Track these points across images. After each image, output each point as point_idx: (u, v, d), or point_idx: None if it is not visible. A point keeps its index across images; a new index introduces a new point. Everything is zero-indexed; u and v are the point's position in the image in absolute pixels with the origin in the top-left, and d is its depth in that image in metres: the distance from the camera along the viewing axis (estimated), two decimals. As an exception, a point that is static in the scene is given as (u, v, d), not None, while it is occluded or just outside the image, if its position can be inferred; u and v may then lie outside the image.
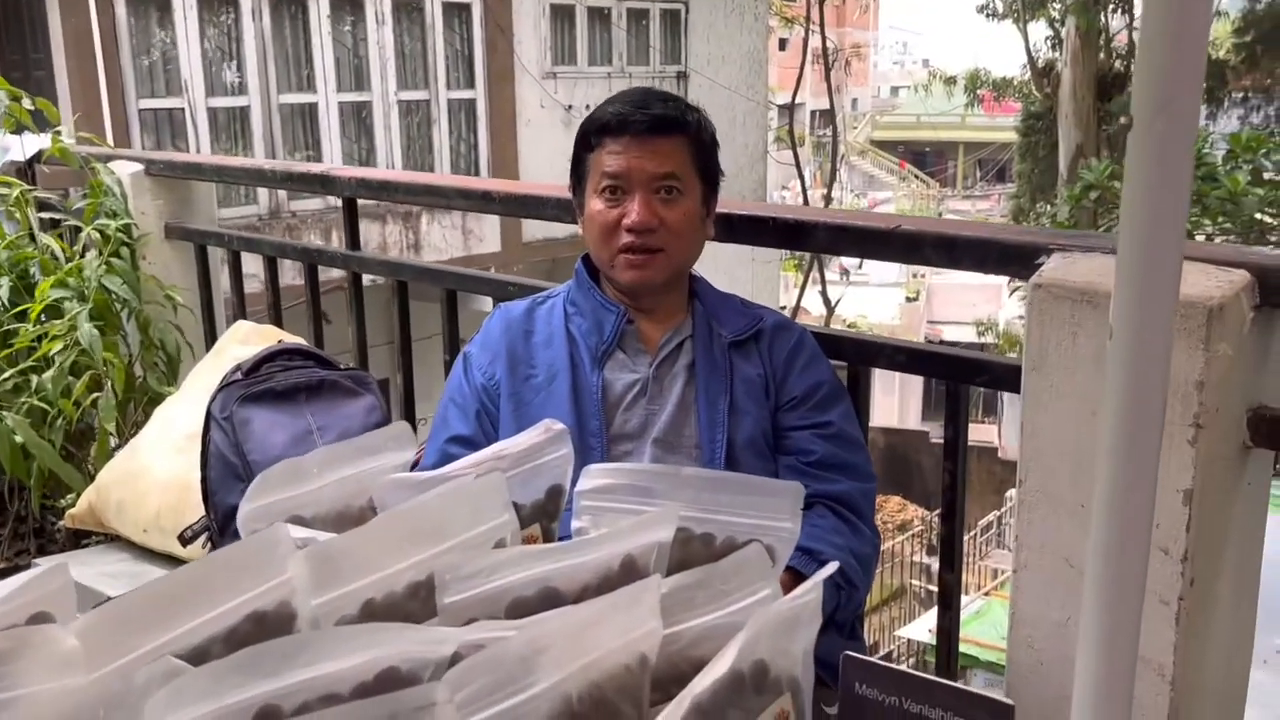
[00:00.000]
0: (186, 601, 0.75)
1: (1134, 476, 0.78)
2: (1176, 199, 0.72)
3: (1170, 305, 0.75)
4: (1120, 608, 0.81)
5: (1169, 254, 0.74)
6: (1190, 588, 1.47)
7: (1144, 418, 0.76)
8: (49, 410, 3.00)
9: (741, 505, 0.96)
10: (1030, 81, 17.89)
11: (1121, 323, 0.75)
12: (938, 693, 0.78)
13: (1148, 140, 0.71)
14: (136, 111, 8.11)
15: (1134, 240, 0.74)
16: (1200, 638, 1.51)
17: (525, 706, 0.69)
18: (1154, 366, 0.75)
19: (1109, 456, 0.78)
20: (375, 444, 1.03)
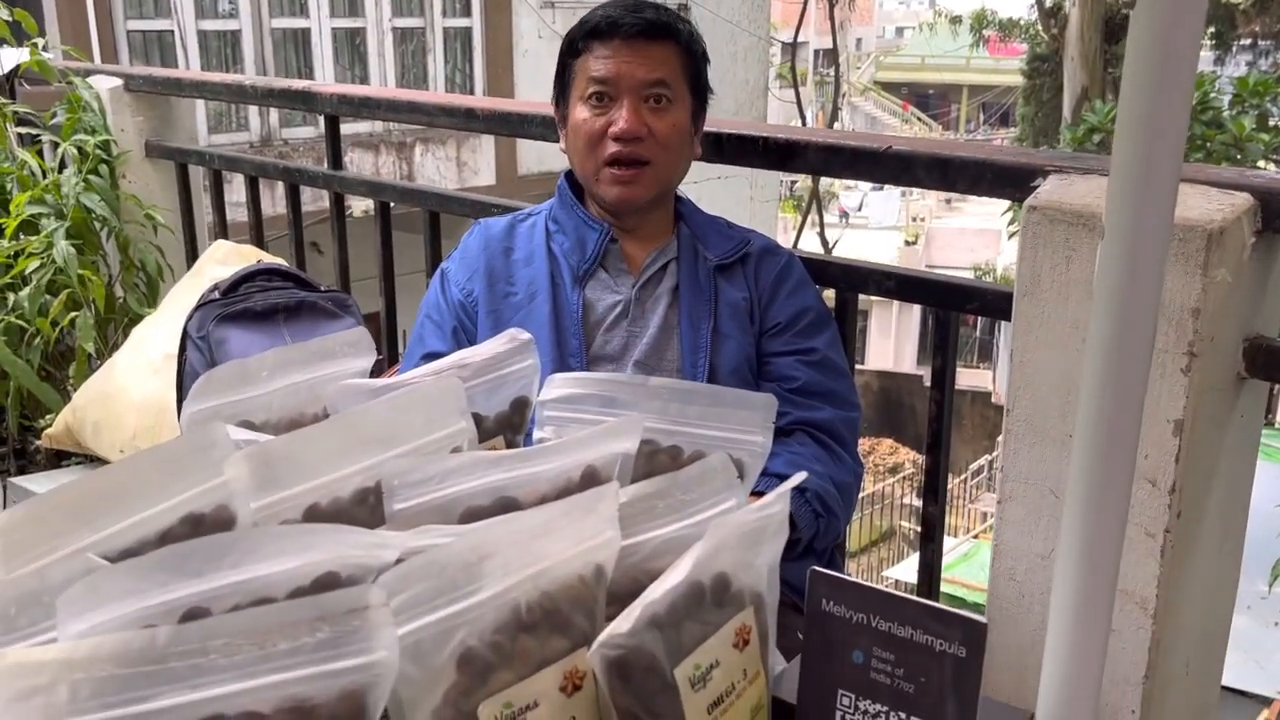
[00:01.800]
0: (115, 500, 0.71)
1: (1119, 404, 0.74)
2: (1174, 140, 0.67)
3: (1166, 226, 0.70)
4: (1100, 538, 0.77)
5: (1165, 171, 0.69)
6: (1177, 520, 1.44)
7: (1132, 344, 0.72)
8: (26, 329, 2.95)
9: (711, 418, 0.92)
10: (1037, 23, 17.62)
11: (1111, 246, 0.70)
12: (908, 609, 0.74)
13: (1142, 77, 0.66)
14: (125, 33, 7.94)
15: (1128, 153, 0.69)
16: (1185, 572, 1.48)
17: (469, 614, 0.65)
18: (1144, 290, 0.71)
19: (1094, 382, 0.74)
20: (330, 349, 0.98)
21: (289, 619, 0.58)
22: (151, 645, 0.55)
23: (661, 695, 0.70)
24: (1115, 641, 1.49)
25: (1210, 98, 9.27)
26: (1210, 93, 9.38)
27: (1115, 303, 0.78)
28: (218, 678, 0.56)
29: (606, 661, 0.68)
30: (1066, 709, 0.78)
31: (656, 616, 0.69)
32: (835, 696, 0.78)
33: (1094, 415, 0.75)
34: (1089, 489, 0.75)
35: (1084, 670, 0.78)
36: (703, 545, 0.70)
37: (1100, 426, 0.82)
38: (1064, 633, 0.79)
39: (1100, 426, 0.82)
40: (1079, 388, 1.38)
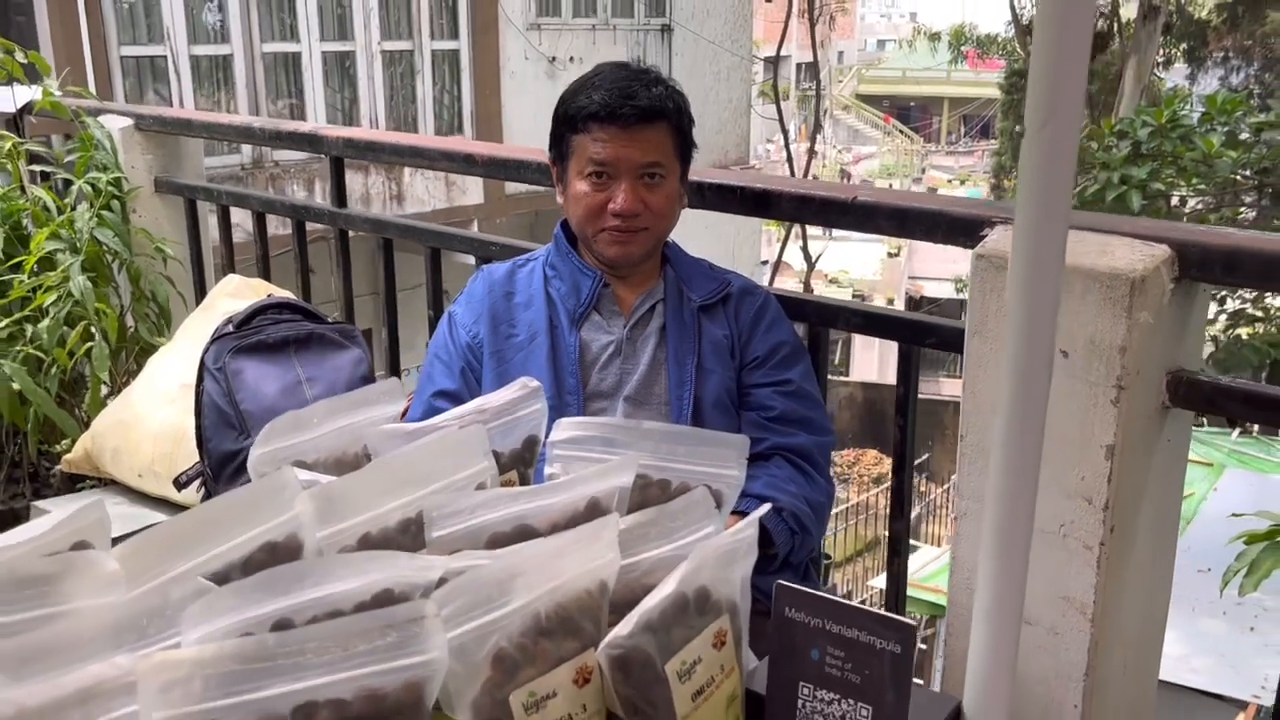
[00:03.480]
0: (209, 533, 0.87)
1: (1025, 425, 0.91)
2: (1062, 191, 0.85)
3: (1056, 278, 0.87)
4: (1013, 543, 0.94)
5: (1055, 239, 0.87)
6: (1111, 534, 1.61)
7: (1033, 373, 0.89)
8: (44, 359, 3.10)
9: (694, 456, 1.09)
10: (1014, 39, 17.89)
11: (1015, 293, 0.88)
12: (854, 615, 0.91)
13: (1038, 143, 0.83)
14: (119, 58, 8.08)
15: (1027, 228, 0.87)
16: (1120, 580, 1.65)
17: (501, 621, 0.81)
18: (1042, 331, 0.88)
19: (1005, 409, 0.91)
20: (369, 397, 1.15)
21: (364, 627, 0.74)
22: (262, 647, 0.71)
23: (655, 686, 0.87)
24: (1058, 642, 1.66)
25: (1181, 115, 9.48)
26: (1180, 110, 9.59)
27: (1019, 339, 0.96)
28: (312, 672, 0.72)
29: (610, 659, 0.85)
30: (986, 693, 0.95)
31: (650, 622, 0.86)
32: (797, 688, 0.96)
33: (1004, 437, 0.92)
34: (1002, 500, 0.92)
35: (1000, 659, 0.96)
36: (687, 564, 0.87)
37: (1009, 446, 0.99)
38: (983, 625, 0.96)
39: (1009, 446, 0.99)
40: (1022, 417, 1.55)
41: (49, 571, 0.80)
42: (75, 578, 0.80)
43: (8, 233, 3.22)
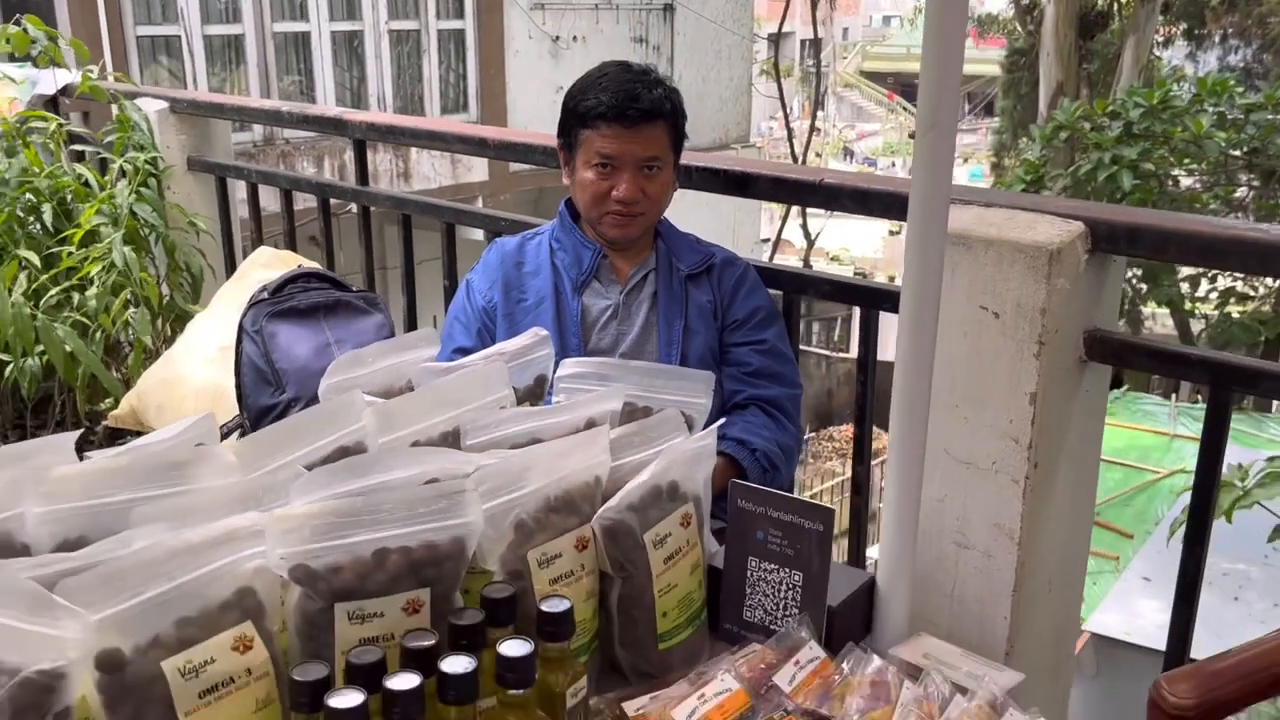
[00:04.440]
0: (299, 436, 1.15)
1: (918, 358, 1.19)
2: (944, 178, 1.12)
3: (939, 250, 1.15)
4: (910, 453, 1.22)
5: (938, 215, 1.14)
6: (1035, 470, 1.88)
7: (923, 320, 1.17)
8: (89, 324, 3.37)
9: (670, 388, 1.37)
10: (1015, 18, 17.98)
11: (909, 266, 1.15)
12: (788, 503, 1.19)
13: (926, 142, 1.11)
14: (134, 37, 8.30)
15: (917, 206, 1.14)
16: (1043, 509, 1.93)
17: (520, 499, 1.09)
18: (929, 288, 1.16)
19: (903, 347, 1.19)
20: (411, 342, 1.44)
21: (424, 495, 1.02)
22: (352, 507, 0.99)
23: (635, 550, 1.15)
24: (991, 564, 1.94)
25: (1172, 96, 9.66)
26: (1172, 91, 9.76)
27: (913, 303, 1.23)
28: (387, 526, 1.00)
29: (602, 528, 1.13)
30: (892, 569, 1.23)
31: (632, 504, 1.14)
32: (747, 560, 1.24)
33: (903, 369, 1.20)
34: (902, 420, 1.20)
35: (903, 541, 1.24)
36: (659, 462, 1.15)
37: (907, 378, 1.27)
38: (892, 515, 1.24)
39: (907, 378, 1.27)
40: (961, 367, 1.83)
41: (185, 459, 1.08)
42: (204, 465, 1.08)
43: (55, 208, 3.50)
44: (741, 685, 1.12)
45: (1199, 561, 1.87)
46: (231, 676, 0.93)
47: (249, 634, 0.94)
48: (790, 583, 1.22)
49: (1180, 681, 1.48)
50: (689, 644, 1.21)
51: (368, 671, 0.91)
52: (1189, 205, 9.79)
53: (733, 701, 1.10)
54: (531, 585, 1.09)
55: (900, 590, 1.29)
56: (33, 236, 3.46)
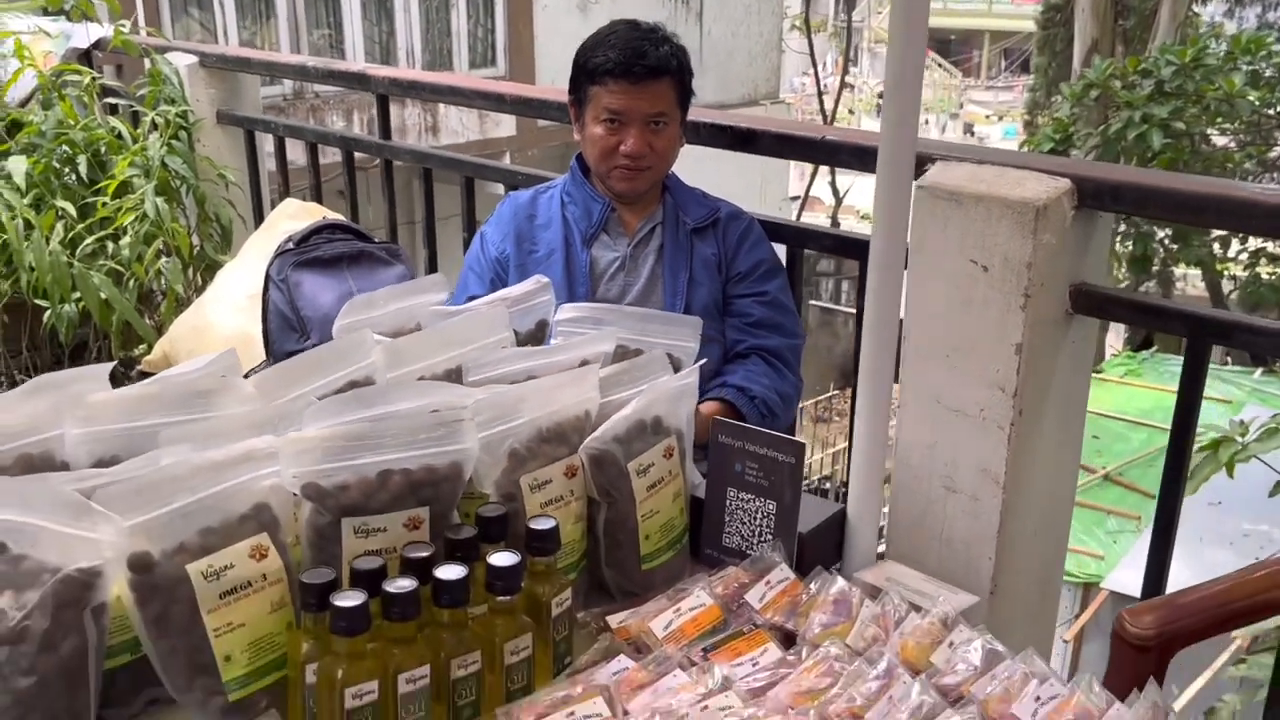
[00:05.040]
0: (313, 370, 1.26)
1: (884, 309, 1.28)
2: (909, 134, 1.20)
3: (906, 196, 1.23)
4: (878, 393, 1.31)
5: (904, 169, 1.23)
6: (1020, 417, 1.96)
7: (891, 270, 1.25)
8: (123, 272, 3.50)
9: (660, 332, 1.46)
10: (1051, -28, 17.63)
11: (878, 214, 1.23)
12: (764, 438, 1.29)
13: (891, 102, 1.18)
14: (166, -13, 8.37)
15: (885, 162, 1.22)
16: (1028, 456, 2.01)
17: (514, 429, 1.19)
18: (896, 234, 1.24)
19: (872, 291, 1.27)
20: (421, 287, 1.54)
21: (425, 423, 1.13)
22: (359, 431, 1.10)
23: (620, 478, 1.24)
24: (978, 507, 2.03)
25: (1205, 53, 9.52)
26: (1207, 48, 9.61)
27: (879, 243, 1.31)
28: (390, 450, 1.11)
29: (589, 456, 1.23)
30: (861, 503, 1.32)
31: (618, 435, 1.24)
32: (726, 491, 1.33)
33: (871, 319, 1.29)
34: (870, 361, 1.29)
35: (871, 476, 1.33)
36: (642, 397, 1.25)
37: (874, 327, 1.35)
38: (861, 450, 1.33)
39: (874, 327, 1.35)
40: (953, 318, 1.90)
41: (210, 389, 1.19)
42: (227, 395, 1.19)
43: (90, 159, 3.61)
44: (715, 601, 1.23)
45: (1175, 505, 1.95)
46: (249, 580, 1.04)
47: (265, 544, 1.05)
48: (765, 511, 1.31)
49: (1142, 614, 1.57)
50: (670, 565, 1.31)
51: (370, 577, 1.02)
52: (1221, 165, 9.69)
53: (706, 615, 1.21)
54: (524, 507, 1.19)
55: (867, 520, 1.38)
56: (68, 187, 3.58)
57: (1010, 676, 1.10)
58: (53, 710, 0.98)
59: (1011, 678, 1.10)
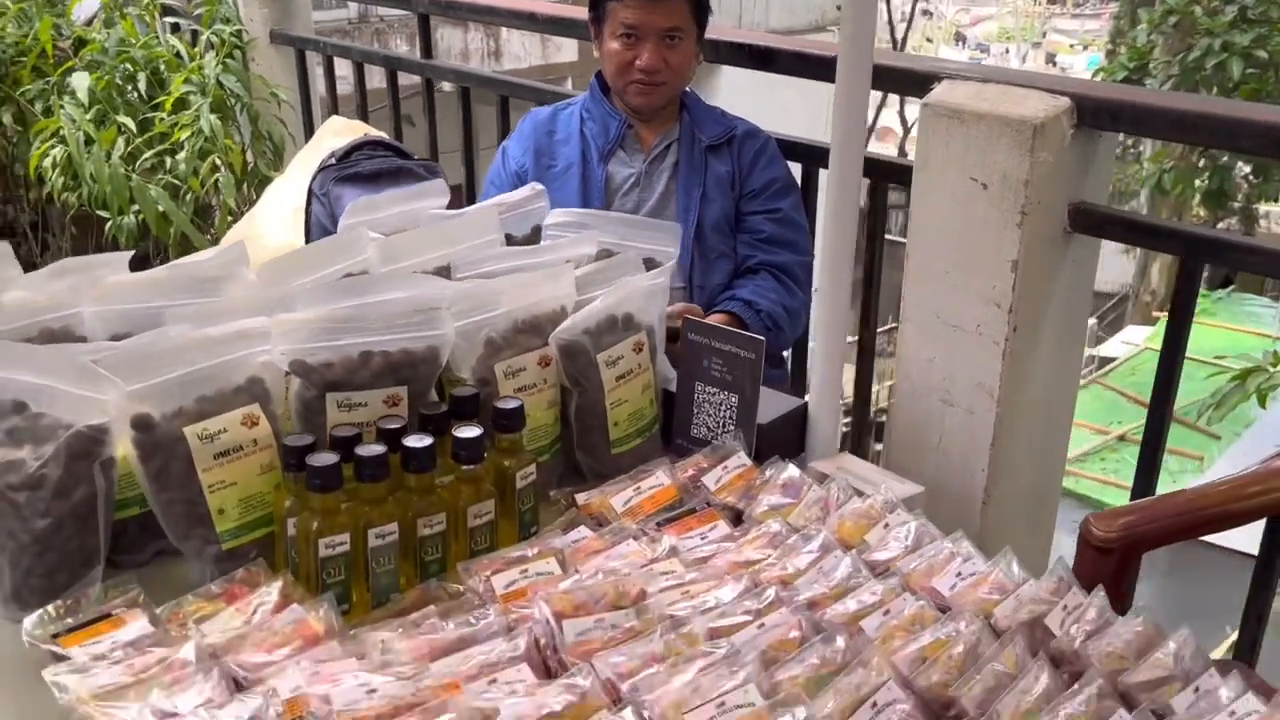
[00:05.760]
0: (312, 262, 1.37)
1: (844, 201, 1.34)
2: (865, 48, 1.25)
3: (862, 114, 1.29)
4: (837, 292, 1.38)
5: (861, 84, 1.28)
6: (1014, 333, 2.01)
7: (848, 173, 1.32)
8: (180, 186, 3.66)
9: (642, 237, 1.55)
10: (1140, -109, 16.91)
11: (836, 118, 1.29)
12: (729, 335, 1.37)
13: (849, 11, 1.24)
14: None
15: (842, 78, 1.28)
16: (1024, 370, 2.06)
17: (490, 319, 1.30)
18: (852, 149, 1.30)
19: (831, 191, 1.34)
20: (424, 192, 1.64)
21: (403, 310, 1.23)
22: (341, 315, 1.21)
23: (589, 368, 1.34)
24: (973, 420, 2.09)
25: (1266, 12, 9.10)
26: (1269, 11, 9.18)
27: (836, 155, 1.37)
28: (371, 333, 1.21)
29: (558, 345, 1.33)
30: (822, 398, 1.40)
31: (588, 329, 1.33)
32: (694, 385, 1.42)
33: (832, 208, 1.35)
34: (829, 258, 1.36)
35: (831, 371, 1.41)
36: (614, 294, 1.34)
37: (836, 218, 1.42)
38: (821, 347, 1.41)
39: (836, 218, 1.42)
40: (953, 235, 1.95)
41: (217, 275, 1.31)
42: (231, 282, 1.31)
43: (149, 76, 3.76)
44: (673, 482, 1.32)
45: (1162, 427, 1.99)
46: (241, 445, 1.16)
47: (256, 413, 1.17)
48: (728, 404, 1.40)
49: (1107, 519, 1.64)
50: (639, 451, 1.41)
51: (346, 443, 1.14)
52: (1306, 95, 9.33)
53: (663, 494, 1.30)
54: (498, 391, 1.29)
55: (827, 414, 1.46)
56: (129, 104, 3.73)
57: (936, 555, 1.18)
58: (67, 549, 1.12)
59: (937, 556, 1.18)
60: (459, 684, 0.99)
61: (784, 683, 0.99)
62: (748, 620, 1.07)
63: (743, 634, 1.05)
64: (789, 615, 1.07)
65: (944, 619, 1.07)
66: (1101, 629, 1.06)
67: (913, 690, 0.99)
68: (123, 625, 1.07)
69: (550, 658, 1.05)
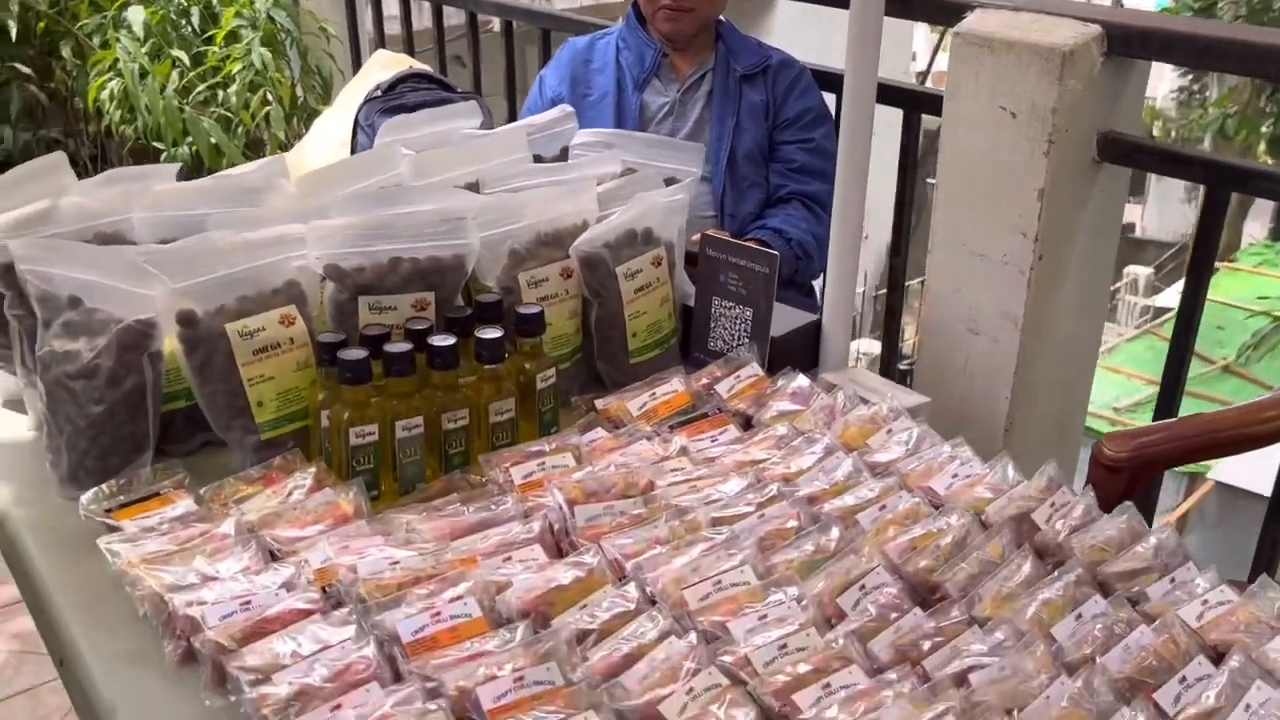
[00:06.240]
0: (347, 175, 1.44)
1: (857, 137, 1.38)
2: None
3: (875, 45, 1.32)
4: (852, 209, 1.42)
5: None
6: (1040, 261, 2.03)
7: (863, 97, 1.35)
8: (232, 119, 3.74)
9: (664, 157, 1.60)
10: None
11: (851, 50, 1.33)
12: (744, 250, 1.42)
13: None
14: None
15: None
16: (1049, 299, 2.08)
17: (514, 231, 1.36)
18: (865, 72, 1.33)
19: (847, 107, 1.38)
20: (458, 112, 1.70)
21: (431, 220, 1.29)
22: (373, 223, 1.27)
23: (609, 280, 1.40)
24: (997, 348, 2.12)
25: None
26: None
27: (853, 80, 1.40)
28: (401, 241, 1.28)
29: (579, 256, 1.38)
30: (835, 313, 1.45)
31: (607, 242, 1.39)
32: (711, 300, 1.48)
33: (846, 143, 1.39)
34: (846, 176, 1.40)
35: (844, 285, 1.45)
36: (633, 209, 1.39)
37: (849, 153, 1.45)
38: (835, 263, 1.45)
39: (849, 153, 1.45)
40: (981, 165, 1.97)
41: (258, 186, 1.38)
42: (271, 192, 1.38)
43: (202, 10, 3.84)
44: (687, 390, 1.38)
45: (1187, 345, 2.01)
46: (278, 342, 1.23)
47: (293, 314, 1.25)
48: (744, 318, 1.45)
49: (1119, 439, 1.68)
50: (656, 362, 1.47)
51: (374, 340, 1.21)
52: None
53: (677, 399, 1.37)
54: (521, 300, 1.36)
55: (839, 328, 1.50)
56: (183, 37, 3.82)
57: (935, 458, 1.23)
58: (119, 434, 1.21)
59: (936, 458, 1.23)
60: (476, 560, 1.06)
61: (779, 565, 1.06)
62: (749, 511, 1.14)
63: (743, 523, 1.11)
64: (788, 508, 1.14)
65: (936, 514, 1.13)
66: (1086, 524, 1.10)
67: (900, 575, 1.05)
68: (170, 503, 1.16)
69: (562, 540, 1.12)
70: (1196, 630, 0.96)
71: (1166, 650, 0.92)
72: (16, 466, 1.32)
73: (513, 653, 0.94)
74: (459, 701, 0.90)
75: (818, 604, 1.01)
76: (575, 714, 0.88)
